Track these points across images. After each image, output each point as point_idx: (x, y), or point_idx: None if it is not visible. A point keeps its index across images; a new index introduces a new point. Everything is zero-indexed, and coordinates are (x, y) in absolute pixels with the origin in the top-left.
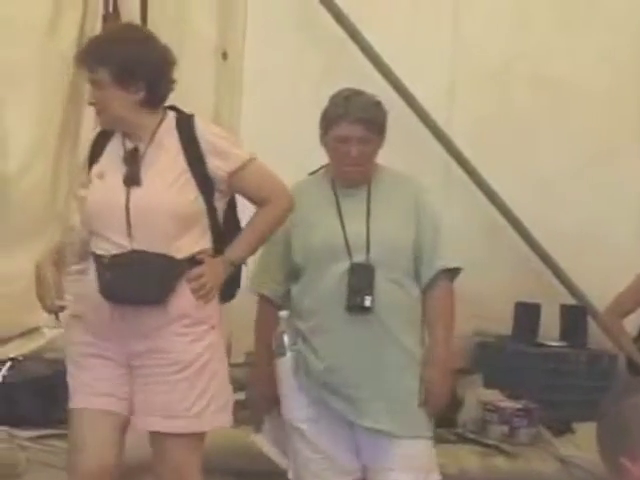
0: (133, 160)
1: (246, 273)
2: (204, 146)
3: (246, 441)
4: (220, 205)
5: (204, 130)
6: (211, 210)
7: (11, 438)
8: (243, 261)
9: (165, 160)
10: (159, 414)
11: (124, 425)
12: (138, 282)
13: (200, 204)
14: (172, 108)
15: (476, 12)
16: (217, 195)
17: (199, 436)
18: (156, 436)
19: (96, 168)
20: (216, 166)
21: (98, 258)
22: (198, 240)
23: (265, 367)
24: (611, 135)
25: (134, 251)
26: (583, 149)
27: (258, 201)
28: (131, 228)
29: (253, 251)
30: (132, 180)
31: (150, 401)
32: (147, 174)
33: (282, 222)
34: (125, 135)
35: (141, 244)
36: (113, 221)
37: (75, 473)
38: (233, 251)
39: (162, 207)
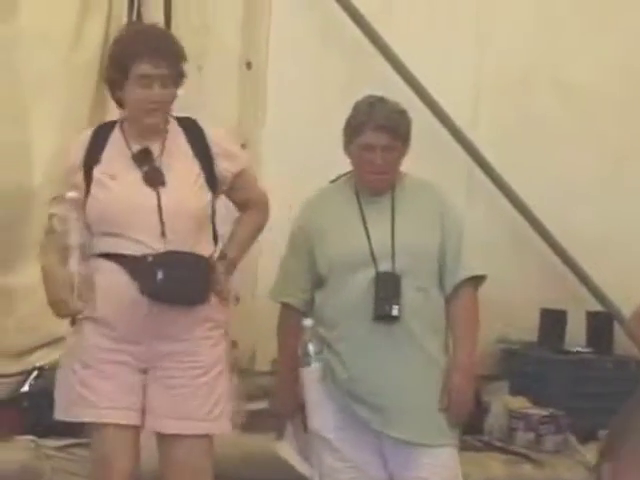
0: (148, 160)
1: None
2: (215, 149)
3: (266, 449)
4: (217, 207)
5: (213, 133)
6: (213, 213)
7: (37, 447)
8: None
9: (179, 162)
10: (180, 417)
11: (139, 435)
12: (186, 282)
13: (210, 207)
14: None
15: (499, 18)
16: (217, 197)
17: (212, 440)
18: (170, 440)
19: (100, 168)
20: (224, 168)
21: (125, 258)
22: (209, 242)
23: (288, 374)
24: (635, 140)
25: (173, 252)
26: (607, 154)
27: (244, 203)
28: (165, 229)
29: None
30: (156, 180)
31: (170, 404)
32: (167, 175)
33: (266, 224)
34: (129, 135)
35: (172, 245)
36: (145, 221)
37: None
38: (233, 252)
39: (189, 209)
